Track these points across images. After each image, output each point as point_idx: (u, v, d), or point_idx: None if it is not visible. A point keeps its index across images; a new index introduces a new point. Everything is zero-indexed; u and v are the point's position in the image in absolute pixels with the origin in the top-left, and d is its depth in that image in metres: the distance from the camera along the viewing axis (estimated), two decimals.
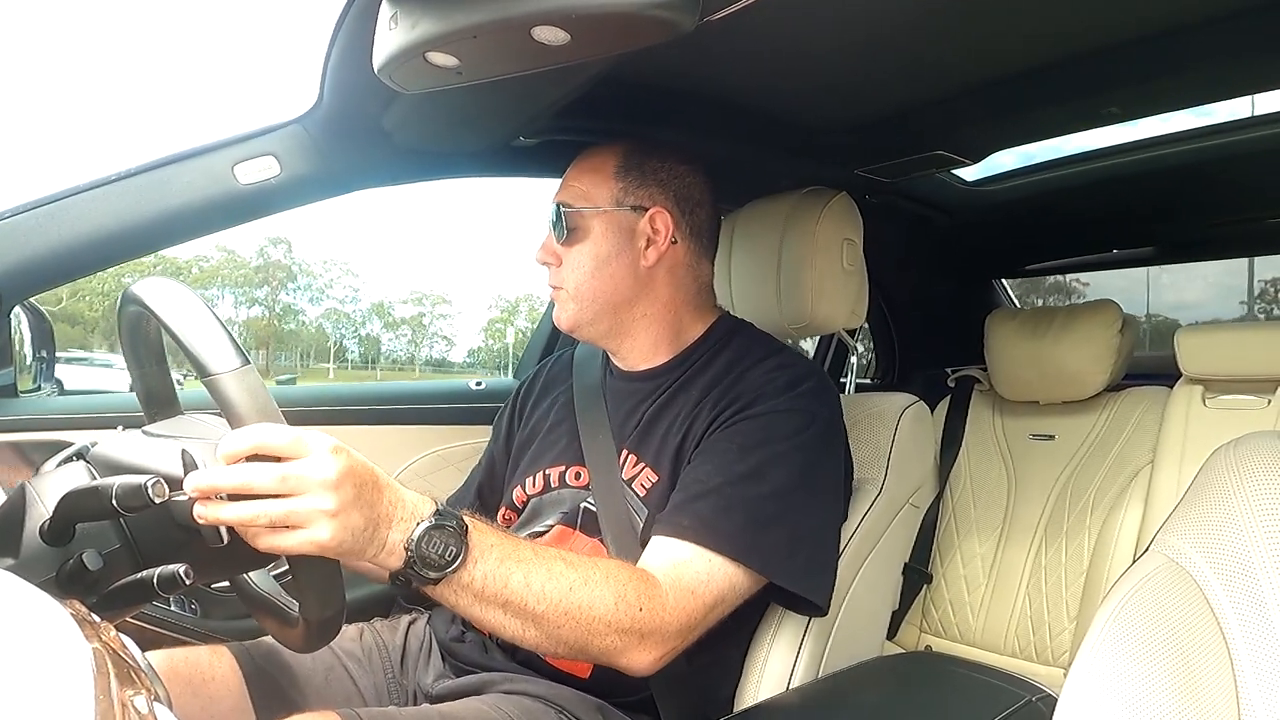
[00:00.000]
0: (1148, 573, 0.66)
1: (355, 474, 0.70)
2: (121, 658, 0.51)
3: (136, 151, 19.82)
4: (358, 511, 0.69)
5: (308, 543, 0.67)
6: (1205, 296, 7.37)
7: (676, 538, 0.92)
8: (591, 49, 0.70)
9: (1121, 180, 1.63)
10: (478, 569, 0.77)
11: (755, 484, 0.94)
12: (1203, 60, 1.08)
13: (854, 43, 1.04)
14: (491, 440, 1.29)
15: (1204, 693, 0.59)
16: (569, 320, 1.10)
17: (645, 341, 1.12)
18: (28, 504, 0.67)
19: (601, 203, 1.08)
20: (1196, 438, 1.46)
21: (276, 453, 0.66)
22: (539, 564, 0.81)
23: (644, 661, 0.86)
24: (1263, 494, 0.66)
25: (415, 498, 0.76)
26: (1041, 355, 1.65)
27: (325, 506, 0.67)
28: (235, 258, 46.95)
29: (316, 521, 0.67)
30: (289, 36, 63.39)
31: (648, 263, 1.08)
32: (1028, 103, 1.23)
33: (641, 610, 0.84)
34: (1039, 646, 1.57)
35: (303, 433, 0.67)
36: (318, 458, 0.67)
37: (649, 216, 1.08)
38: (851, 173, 1.52)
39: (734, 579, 0.92)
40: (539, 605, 0.79)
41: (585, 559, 0.86)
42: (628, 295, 1.09)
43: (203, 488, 0.65)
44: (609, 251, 1.07)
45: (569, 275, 1.08)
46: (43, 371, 1.28)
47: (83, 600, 0.63)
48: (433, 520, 0.74)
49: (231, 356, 0.64)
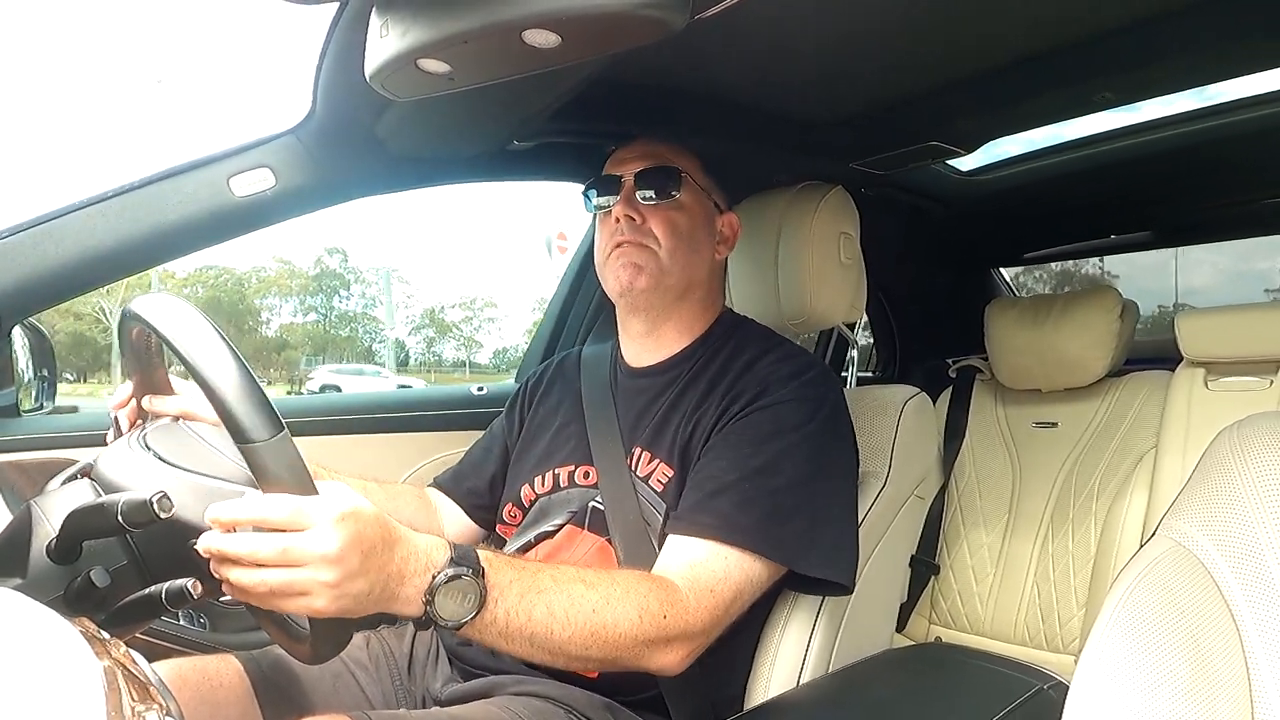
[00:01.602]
0: (1155, 557, 0.66)
1: (362, 542, 0.69)
2: (133, 673, 0.51)
3: (128, 165, 19.66)
4: (363, 579, 0.69)
5: (306, 609, 0.68)
6: (1222, 283, 7.39)
7: (696, 536, 0.92)
8: (583, 51, 0.70)
9: (1116, 165, 1.63)
10: (500, 608, 0.77)
11: (771, 476, 0.95)
12: (1193, 44, 1.08)
13: (845, 36, 1.04)
14: (505, 430, 1.27)
15: (1215, 675, 0.59)
16: (650, 277, 1.07)
17: (678, 326, 1.13)
18: (34, 523, 0.67)
19: (701, 185, 1.12)
20: (1199, 421, 1.46)
21: (277, 526, 0.66)
22: (559, 591, 0.81)
23: (671, 661, 0.88)
24: (1268, 475, 0.66)
25: (429, 545, 0.75)
26: (1042, 343, 1.65)
27: (325, 579, 0.67)
28: (293, 268, 47.07)
29: (316, 592, 0.67)
30: (280, 47, 62.87)
31: (719, 257, 1.16)
32: (1021, 91, 1.23)
33: (666, 618, 0.85)
34: (1049, 634, 1.57)
35: (306, 505, 0.67)
36: (319, 531, 0.67)
37: (725, 218, 1.17)
38: (846, 166, 1.52)
39: (751, 572, 0.92)
40: (565, 631, 0.80)
41: (604, 575, 0.86)
42: (698, 280, 1.13)
43: (212, 551, 0.66)
44: (700, 231, 1.12)
45: (664, 235, 1.08)
46: (44, 390, 1.28)
47: (92, 617, 0.63)
48: (449, 571, 0.74)
49: (267, 425, 0.64)
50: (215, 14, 54.84)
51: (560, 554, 1.06)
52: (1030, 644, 1.60)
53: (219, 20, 54.90)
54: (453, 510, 1.25)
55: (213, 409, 0.65)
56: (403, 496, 1.20)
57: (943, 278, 2.24)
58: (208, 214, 1.17)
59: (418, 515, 1.20)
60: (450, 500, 1.25)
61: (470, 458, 1.30)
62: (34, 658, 0.44)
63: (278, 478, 0.66)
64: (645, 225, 1.08)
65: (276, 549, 0.66)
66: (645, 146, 1.12)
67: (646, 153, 1.11)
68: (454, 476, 1.28)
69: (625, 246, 1.08)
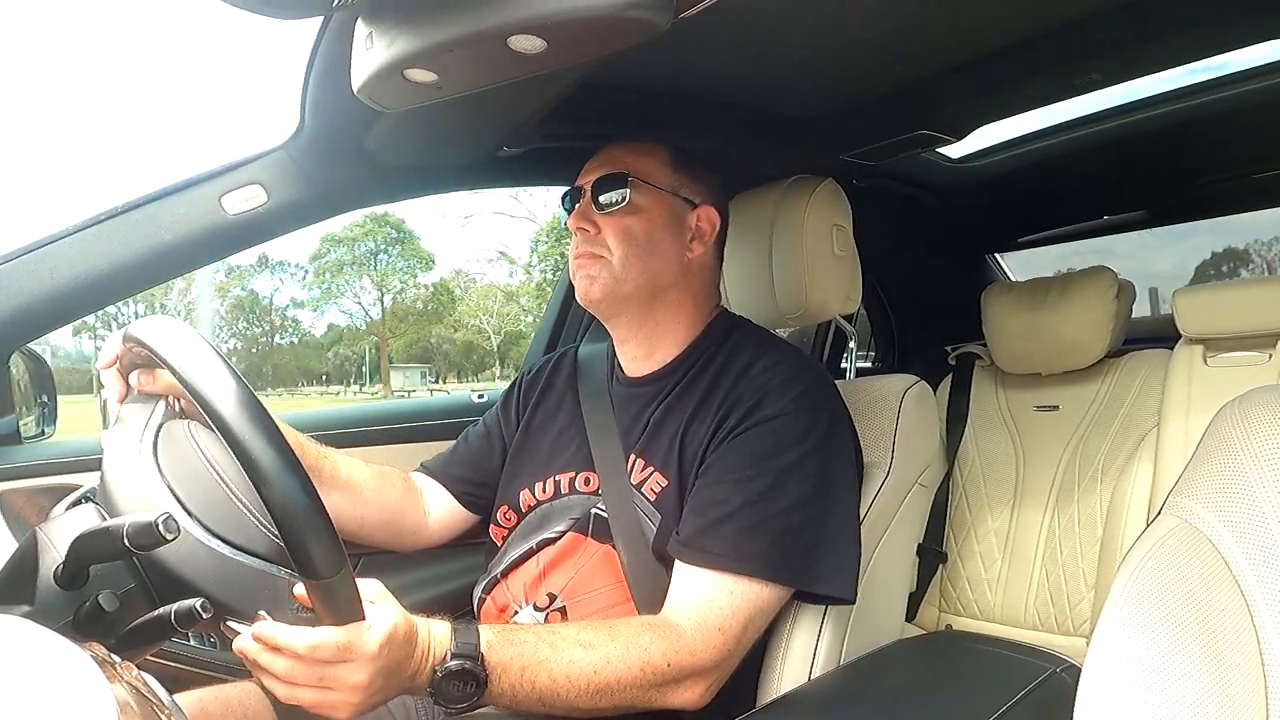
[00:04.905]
0: (1162, 536, 0.66)
1: (389, 667, 0.74)
2: (145, 697, 0.51)
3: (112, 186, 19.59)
4: (382, 693, 0.75)
5: (325, 714, 0.74)
6: None
7: (704, 567, 0.93)
8: (569, 55, 0.70)
9: (1106, 146, 1.63)
10: (504, 683, 0.81)
11: (775, 498, 0.95)
12: (1177, 22, 1.08)
13: (829, 28, 1.04)
14: (501, 424, 1.27)
15: (1227, 651, 0.59)
16: (603, 287, 1.07)
17: (658, 335, 1.12)
18: (40, 550, 0.67)
19: (660, 184, 1.09)
20: (1200, 397, 1.46)
21: (323, 661, 0.70)
22: (559, 659, 0.84)
23: (690, 698, 0.90)
24: (1270, 448, 0.66)
25: (437, 640, 0.80)
26: (1040, 326, 1.66)
27: (351, 701, 0.73)
28: None
29: (339, 709, 0.73)
30: (267, 62, 62.99)
31: (692, 255, 1.11)
32: (1008, 76, 1.23)
33: (670, 665, 0.87)
34: (1059, 617, 1.57)
35: (353, 640, 0.71)
36: (357, 665, 0.72)
37: (698, 212, 1.12)
38: (837, 158, 1.52)
39: (759, 600, 0.93)
40: (570, 694, 0.84)
41: (603, 633, 0.88)
42: (666, 282, 1.10)
43: (249, 658, 0.71)
44: (660, 233, 1.09)
45: (615, 244, 1.07)
46: (44, 416, 1.28)
47: (102, 642, 0.63)
48: (450, 665, 0.78)
49: (334, 562, 0.65)
50: (199, 32, 54.79)
51: (564, 561, 1.06)
52: (1041, 628, 1.60)
53: (203, 38, 54.86)
54: (440, 495, 1.24)
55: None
56: (390, 480, 1.19)
57: (938, 265, 2.24)
58: (201, 233, 1.17)
59: (404, 500, 1.19)
60: (438, 485, 1.24)
61: (461, 446, 1.28)
62: (45, 685, 0.43)
63: (334, 611, 0.69)
64: (600, 235, 1.07)
65: (313, 676, 0.71)
66: (608, 153, 1.12)
67: (605, 160, 1.11)
68: (444, 463, 1.27)
69: (580, 259, 1.09)
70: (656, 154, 1.12)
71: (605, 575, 1.03)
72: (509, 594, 1.09)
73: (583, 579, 1.04)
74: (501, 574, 1.12)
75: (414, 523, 1.20)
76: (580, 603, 1.03)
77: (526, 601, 1.06)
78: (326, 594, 0.67)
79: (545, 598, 1.05)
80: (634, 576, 1.01)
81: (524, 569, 1.09)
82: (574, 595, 1.04)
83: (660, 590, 0.96)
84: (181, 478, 0.74)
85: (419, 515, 1.21)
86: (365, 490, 1.14)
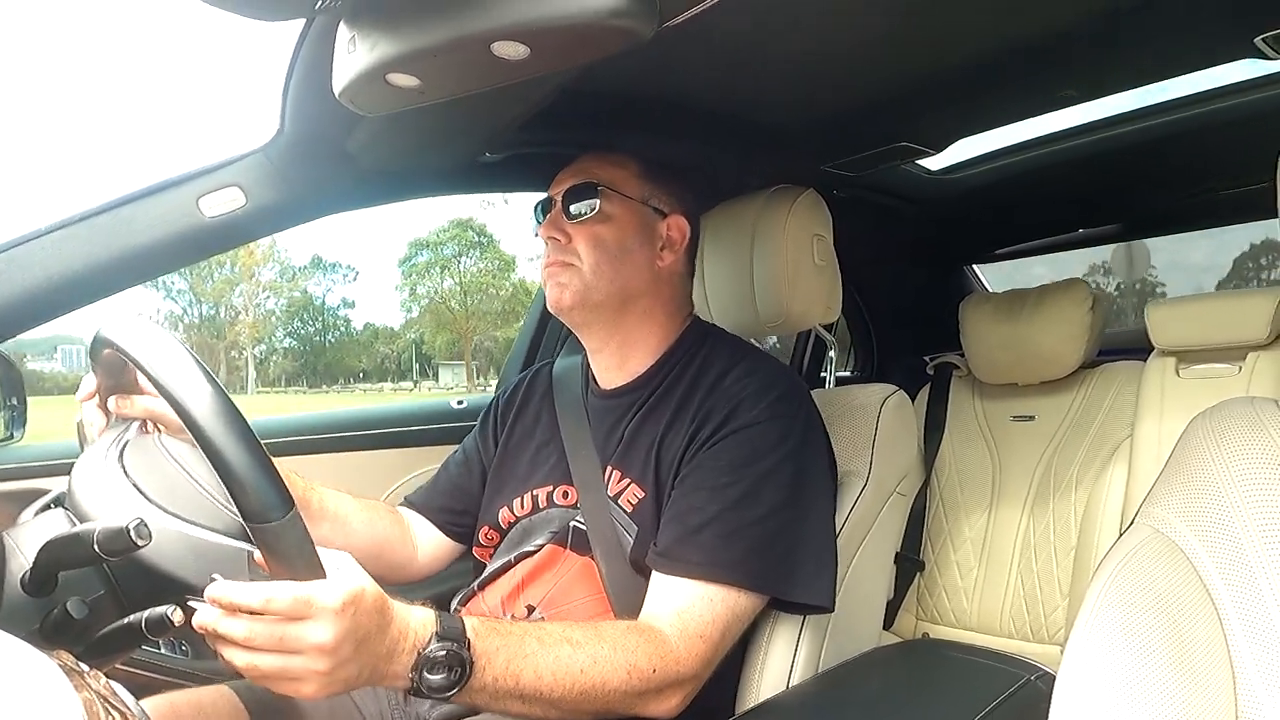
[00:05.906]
0: (1134, 545, 0.67)
1: (357, 630, 0.69)
2: (113, 705, 0.50)
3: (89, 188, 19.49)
4: (354, 664, 0.70)
5: (294, 692, 0.69)
6: None
7: (683, 576, 0.93)
8: (552, 61, 0.70)
9: (1082, 160, 1.65)
10: (487, 674, 0.78)
11: (751, 506, 0.95)
12: (1150, 41, 1.10)
13: (811, 40, 1.05)
14: (480, 446, 1.26)
15: (1198, 659, 0.60)
16: (574, 295, 1.06)
17: (631, 344, 1.11)
18: (7, 555, 0.66)
19: (629, 194, 1.10)
20: (1173, 408, 1.49)
21: (280, 613, 0.66)
22: (546, 654, 0.81)
23: (666, 708, 0.89)
24: (1241, 459, 0.67)
25: (418, 623, 0.75)
26: (1016, 337, 1.68)
27: (317, 668, 0.68)
28: None
29: (307, 679, 0.68)
30: (247, 64, 62.14)
31: (663, 264, 1.11)
32: (987, 90, 1.25)
33: (655, 671, 0.86)
34: (1034, 626, 1.59)
35: (311, 593, 0.66)
36: (319, 622, 0.67)
37: (668, 221, 1.12)
38: (817, 169, 1.53)
39: (736, 607, 0.93)
40: (553, 693, 0.81)
41: (591, 632, 0.86)
42: (637, 290, 1.09)
43: (207, 629, 0.66)
44: (631, 241, 1.09)
45: (586, 252, 1.07)
46: (13, 420, 1.25)
47: (70, 650, 0.62)
48: (435, 646, 0.75)
49: (279, 504, 0.63)
50: (180, 34, 54.27)
51: (543, 573, 1.05)
52: (1016, 636, 1.61)
53: (184, 40, 54.36)
54: (426, 528, 1.23)
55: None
56: (378, 512, 1.19)
57: (917, 276, 2.26)
58: (178, 235, 1.15)
59: (392, 532, 1.18)
60: (423, 518, 1.24)
61: (443, 476, 1.28)
62: (11, 693, 0.43)
63: (287, 560, 0.66)
64: (571, 244, 1.08)
65: (274, 637, 0.66)
66: (578, 165, 1.12)
67: (575, 171, 1.12)
68: (426, 495, 1.27)
69: (551, 267, 1.09)
70: (626, 164, 1.12)
71: (584, 586, 1.02)
72: (485, 605, 1.09)
73: (561, 590, 1.03)
74: (479, 587, 1.11)
75: (404, 556, 1.19)
76: (559, 614, 1.02)
77: (504, 613, 1.06)
78: (276, 540, 0.64)
79: (524, 609, 1.04)
80: (613, 587, 1.00)
81: (501, 582, 1.09)
82: (553, 606, 1.03)
83: (640, 601, 0.96)
84: (142, 469, 0.74)
85: (408, 550, 1.20)
86: (353, 522, 1.13)
